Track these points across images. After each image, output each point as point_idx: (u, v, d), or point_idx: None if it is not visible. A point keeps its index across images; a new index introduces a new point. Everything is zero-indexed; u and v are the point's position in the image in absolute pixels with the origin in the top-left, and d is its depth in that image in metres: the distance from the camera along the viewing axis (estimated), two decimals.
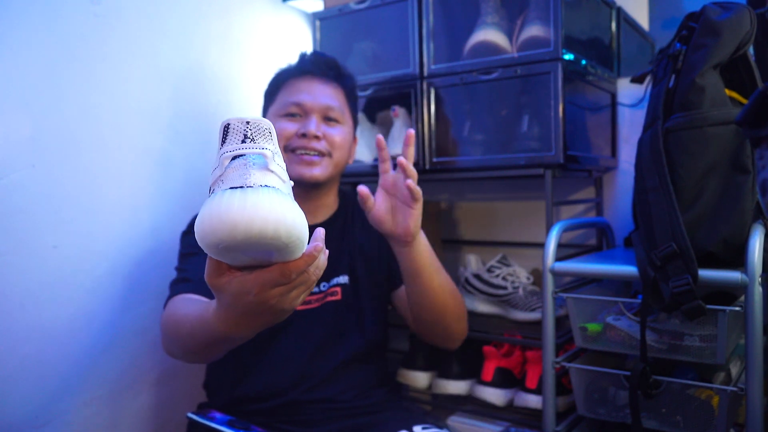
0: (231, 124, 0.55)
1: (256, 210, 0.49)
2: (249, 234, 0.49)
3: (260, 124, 0.55)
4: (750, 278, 0.87)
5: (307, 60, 1.14)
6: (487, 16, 1.21)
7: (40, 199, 1.02)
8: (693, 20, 1.00)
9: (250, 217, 0.49)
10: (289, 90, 1.11)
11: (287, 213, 0.51)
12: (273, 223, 0.49)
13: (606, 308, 1.07)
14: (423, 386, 1.34)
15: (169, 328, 0.90)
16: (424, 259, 1.01)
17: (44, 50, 1.03)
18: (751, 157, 0.92)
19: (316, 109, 1.09)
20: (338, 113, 1.11)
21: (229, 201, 0.50)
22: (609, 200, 1.43)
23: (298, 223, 0.52)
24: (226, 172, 0.53)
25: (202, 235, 0.51)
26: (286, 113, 1.09)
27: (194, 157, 1.30)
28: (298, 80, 1.11)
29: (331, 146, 1.09)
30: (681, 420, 0.97)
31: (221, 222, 0.49)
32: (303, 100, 1.08)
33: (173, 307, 0.93)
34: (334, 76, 1.13)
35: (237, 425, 0.99)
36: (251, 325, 0.65)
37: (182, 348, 0.88)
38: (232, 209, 0.49)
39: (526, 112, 1.19)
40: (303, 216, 0.54)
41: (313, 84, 1.10)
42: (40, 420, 1.04)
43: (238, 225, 0.49)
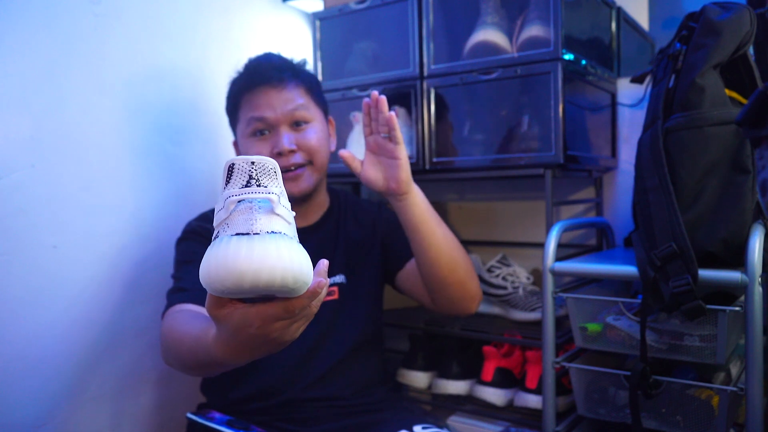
0: (236, 165, 0.55)
1: (263, 260, 0.50)
2: (256, 283, 0.50)
3: (265, 165, 0.55)
4: (750, 278, 0.87)
5: (254, 71, 1.08)
6: (487, 16, 1.21)
7: (40, 199, 1.02)
8: (693, 20, 1.00)
9: (257, 267, 0.49)
10: (249, 106, 1.07)
11: (294, 260, 0.51)
12: (281, 272, 0.50)
13: (606, 308, 1.07)
14: (423, 386, 1.34)
15: (169, 342, 0.89)
16: (422, 210, 1.02)
17: (44, 50, 1.03)
18: (751, 157, 0.92)
19: (281, 120, 1.05)
20: (304, 113, 1.07)
21: (236, 250, 0.50)
22: (609, 200, 1.43)
23: (304, 269, 0.53)
24: (231, 216, 0.53)
25: (209, 281, 0.52)
26: (252, 132, 1.06)
27: (194, 157, 1.30)
28: (255, 93, 1.06)
29: (308, 153, 1.07)
30: (681, 420, 0.97)
31: (228, 271, 0.50)
32: (264, 114, 1.05)
33: (173, 320, 0.91)
34: (289, 77, 1.07)
35: (236, 425, 0.99)
36: (250, 354, 0.65)
37: (181, 364, 0.87)
38: (239, 259, 0.50)
39: (526, 112, 1.20)
40: (308, 259, 0.54)
41: (270, 93, 1.05)
42: (40, 420, 1.04)
43: (245, 275, 0.49)
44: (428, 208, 1.04)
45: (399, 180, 0.99)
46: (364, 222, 1.19)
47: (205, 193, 1.31)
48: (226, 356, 0.65)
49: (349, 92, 1.39)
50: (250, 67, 1.10)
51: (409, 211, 1.01)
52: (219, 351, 0.66)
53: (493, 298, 1.34)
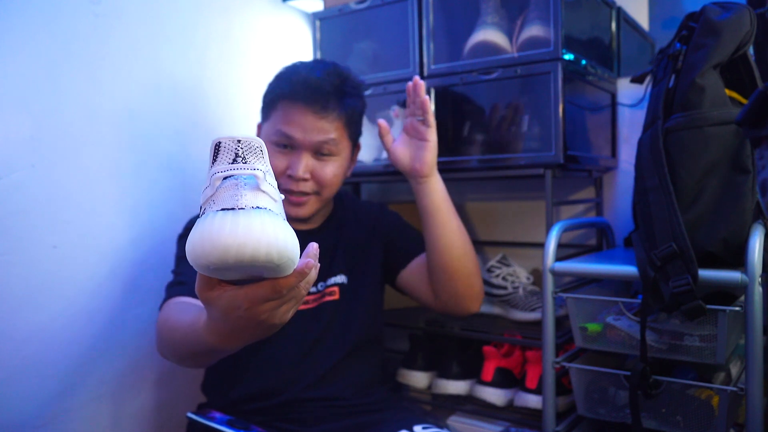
0: (222, 143, 0.55)
1: (248, 233, 0.49)
2: (241, 257, 0.49)
3: (251, 143, 0.55)
4: (750, 278, 0.87)
5: (301, 86, 1.02)
6: (487, 16, 1.21)
7: (40, 200, 1.02)
8: (693, 20, 1.00)
9: (241, 240, 0.49)
10: (281, 115, 1.03)
11: (279, 235, 0.51)
12: (265, 246, 0.50)
13: (606, 308, 1.07)
14: (423, 386, 1.34)
15: (163, 332, 0.89)
16: (441, 197, 1.06)
17: (44, 50, 1.03)
18: (751, 157, 0.92)
19: (306, 146, 1.02)
20: (332, 147, 1.04)
21: (221, 224, 0.50)
22: (609, 200, 1.43)
23: (289, 244, 0.52)
24: (217, 193, 0.53)
25: (194, 256, 0.51)
26: (277, 141, 1.04)
27: (194, 157, 1.30)
28: (291, 107, 1.02)
29: (320, 185, 1.05)
30: (681, 420, 0.97)
31: (212, 245, 0.49)
32: (293, 134, 1.02)
33: (168, 311, 0.92)
34: (333, 107, 1.03)
35: (236, 425, 0.99)
36: (240, 338, 0.65)
37: (175, 353, 0.87)
38: (223, 232, 0.49)
39: (526, 112, 1.20)
40: (294, 236, 0.54)
41: (306, 116, 1.01)
42: (39, 420, 1.04)
43: (229, 249, 0.49)
44: (446, 197, 1.08)
45: (424, 161, 1.04)
46: (365, 223, 1.19)
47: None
48: (217, 341, 0.66)
49: None
50: (300, 75, 1.04)
51: (428, 195, 1.05)
52: (210, 336, 0.66)
53: (493, 298, 1.34)
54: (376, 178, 1.47)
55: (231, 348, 0.70)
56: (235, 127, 1.39)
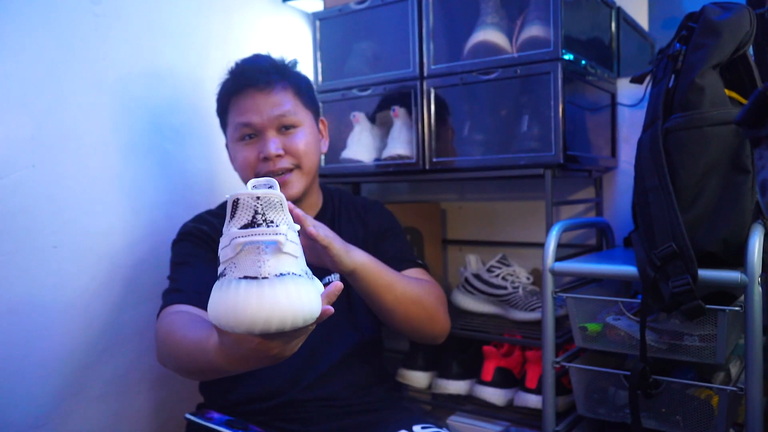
0: (240, 200, 0.54)
1: (274, 307, 0.51)
2: (268, 330, 0.51)
3: (271, 199, 0.54)
4: (749, 278, 0.87)
5: (240, 74, 1.06)
6: (487, 16, 1.22)
7: (41, 199, 1.03)
8: (693, 20, 1.00)
9: (267, 315, 0.51)
10: (236, 110, 1.06)
11: (304, 303, 0.52)
12: (291, 318, 0.51)
13: (606, 308, 1.07)
14: (423, 386, 1.35)
15: (167, 344, 0.88)
16: (373, 282, 0.96)
17: (45, 50, 1.03)
18: (751, 157, 0.92)
19: (268, 125, 1.04)
20: (292, 117, 1.06)
21: (246, 297, 0.51)
22: (609, 200, 1.43)
23: (314, 308, 0.54)
24: (238, 257, 0.53)
25: (218, 323, 0.53)
26: (240, 137, 1.05)
27: (194, 158, 1.30)
28: (241, 97, 1.05)
29: (296, 158, 1.06)
30: (681, 420, 0.97)
31: (238, 320, 0.51)
32: (251, 120, 1.03)
33: (170, 322, 0.90)
34: (277, 79, 1.05)
35: (235, 425, 0.99)
36: (249, 365, 0.66)
37: (178, 367, 0.87)
38: (249, 307, 0.51)
39: (526, 112, 1.20)
40: (317, 294, 0.56)
41: (257, 97, 1.04)
42: (39, 420, 1.04)
43: (256, 323, 0.51)
44: (379, 277, 0.97)
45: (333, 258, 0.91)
46: (358, 220, 1.19)
47: (205, 193, 1.31)
48: (226, 365, 0.66)
49: (349, 92, 1.39)
50: (237, 69, 1.08)
51: (359, 286, 0.96)
52: (220, 359, 0.66)
53: (493, 298, 1.34)
54: (376, 178, 1.47)
55: (237, 371, 0.70)
56: None
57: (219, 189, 1.34)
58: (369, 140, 1.38)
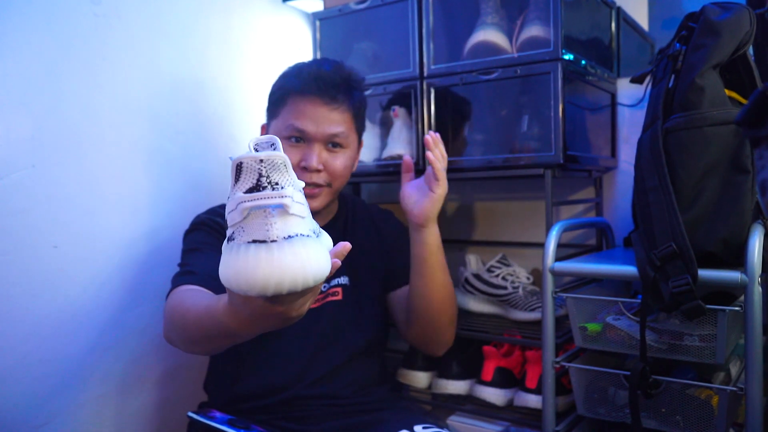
0: (244, 164, 0.53)
1: (284, 270, 0.51)
2: (279, 292, 0.52)
3: (275, 161, 0.53)
4: (749, 278, 0.87)
5: (311, 80, 1.05)
6: (487, 16, 1.22)
7: (41, 199, 1.03)
8: (692, 20, 1.00)
9: (278, 278, 0.51)
10: (292, 110, 1.06)
11: (313, 263, 0.53)
12: (302, 280, 0.52)
13: (606, 308, 1.07)
14: (423, 386, 1.35)
15: (174, 315, 0.89)
16: (432, 249, 1.07)
17: (44, 50, 1.03)
18: (751, 157, 0.92)
19: (319, 138, 1.05)
20: (343, 139, 1.07)
21: (256, 260, 0.51)
22: (609, 200, 1.43)
23: (323, 267, 0.55)
24: (245, 220, 0.53)
25: (230, 287, 0.54)
26: (288, 136, 1.06)
27: (194, 157, 1.30)
28: (302, 101, 1.05)
29: (331, 176, 1.08)
30: (680, 420, 0.97)
31: (249, 284, 0.52)
32: (305, 127, 1.04)
33: (179, 296, 0.92)
34: (342, 99, 1.06)
35: (237, 424, 0.99)
36: (259, 326, 0.67)
37: (185, 337, 0.88)
38: (259, 270, 0.51)
39: (526, 112, 1.20)
40: (326, 253, 0.57)
41: (318, 108, 1.04)
42: (40, 419, 1.04)
43: (268, 286, 0.52)
44: (437, 251, 1.08)
45: (422, 209, 1.05)
46: (373, 227, 1.20)
47: (206, 192, 1.31)
48: (235, 325, 0.68)
49: None
50: (309, 70, 1.07)
51: (420, 244, 1.07)
52: (229, 320, 0.68)
53: (492, 297, 1.34)
54: (376, 178, 1.47)
55: (247, 334, 0.72)
56: (235, 127, 1.39)
57: (219, 189, 1.34)
58: (369, 140, 1.38)
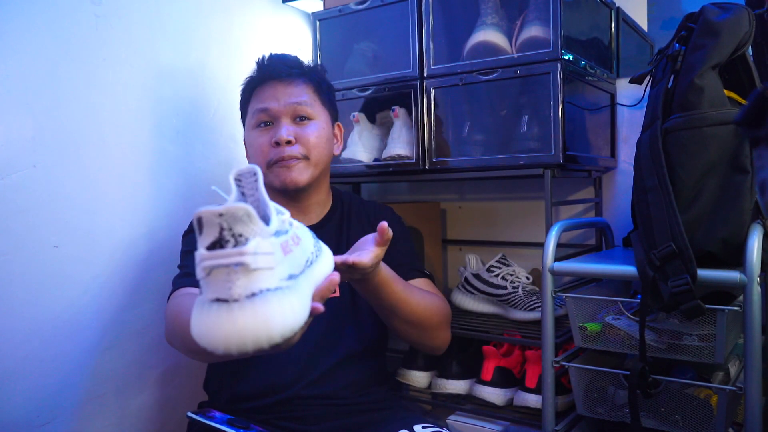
0: (203, 218, 0.50)
1: (245, 331, 0.49)
2: (244, 351, 0.50)
3: (236, 213, 0.50)
4: (749, 278, 0.87)
5: (265, 65, 1.12)
6: (487, 16, 1.22)
7: (41, 199, 1.03)
8: (692, 21, 1.00)
9: (240, 339, 0.49)
10: (256, 98, 1.11)
11: (278, 320, 0.50)
12: (266, 339, 0.50)
13: (605, 308, 1.07)
14: (423, 385, 1.35)
15: (175, 324, 0.91)
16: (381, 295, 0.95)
17: (45, 51, 1.03)
18: (750, 157, 0.92)
19: (284, 112, 1.08)
20: (308, 109, 1.09)
21: (217, 321, 0.49)
22: (608, 200, 1.43)
23: (291, 322, 0.52)
24: (209, 278, 0.51)
25: (199, 343, 0.51)
26: (257, 123, 1.10)
27: (195, 157, 1.30)
28: (263, 87, 1.11)
29: (306, 148, 1.08)
30: (680, 419, 0.97)
31: (213, 344, 0.50)
32: (268, 105, 1.08)
33: (179, 302, 0.93)
34: (298, 73, 1.11)
35: (237, 424, 0.99)
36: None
37: (185, 345, 0.89)
38: (220, 332, 0.49)
39: (525, 113, 1.20)
40: (301, 302, 0.55)
41: (277, 87, 1.09)
42: (41, 419, 1.04)
43: (230, 346, 0.50)
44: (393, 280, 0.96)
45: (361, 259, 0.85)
46: (367, 223, 1.20)
47: (206, 192, 1.32)
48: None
49: (349, 92, 1.39)
50: (263, 62, 1.14)
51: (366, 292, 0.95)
52: None
53: (492, 297, 1.34)
54: (376, 178, 1.47)
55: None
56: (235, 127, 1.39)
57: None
58: (369, 140, 1.38)
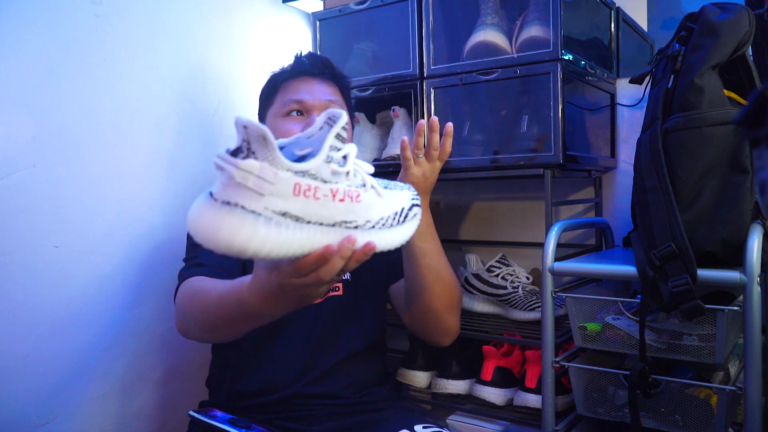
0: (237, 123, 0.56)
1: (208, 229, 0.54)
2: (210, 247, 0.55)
3: (254, 130, 0.55)
4: (748, 278, 0.87)
5: (303, 60, 1.15)
6: (487, 16, 1.22)
7: (42, 199, 1.03)
8: (692, 21, 1.00)
9: (205, 234, 0.54)
10: (288, 90, 1.12)
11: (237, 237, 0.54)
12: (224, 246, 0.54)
13: (605, 308, 1.07)
14: (423, 385, 1.35)
15: (192, 301, 0.90)
16: (422, 233, 1.01)
17: (45, 51, 1.03)
18: (750, 157, 0.92)
19: (318, 106, 1.10)
20: (338, 107, 1.10)
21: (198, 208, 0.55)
22: (608, 200, 1.43)
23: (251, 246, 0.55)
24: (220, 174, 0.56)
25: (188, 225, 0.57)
26: (287, 112, 1.10)
27: (195, 157, 1.30)
28: (296, 81, 1.13)
29: None
30: (680, 419, 0.97)
31: (189, 226, 0.55)
32: (304, 98, 1.10)
33: (194, 284, 0.93)
34: (331, 75, 1.14)
35: (238, 423, 0.99)
36: (281, 304, 0.70)
37: (204, 322, 0.88)
38: (195, 217, 0.55)
39: (525, 112, 1.20)
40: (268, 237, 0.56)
41: (312, 83, 1.12)
42: (41, 418, 1.04)
43: (198, 236, 0.55)
44: (430, 234, 1.06)
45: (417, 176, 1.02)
46: None
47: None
48: (259, 303, 0.71)
49: None
50: (298, 59, 1.16)
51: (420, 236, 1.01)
52: (253, 297, 0.71)
53: (492, 297, 1.35)
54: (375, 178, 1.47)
55: (269, 313, 0.74)
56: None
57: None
58: (369, 140, 1.38)
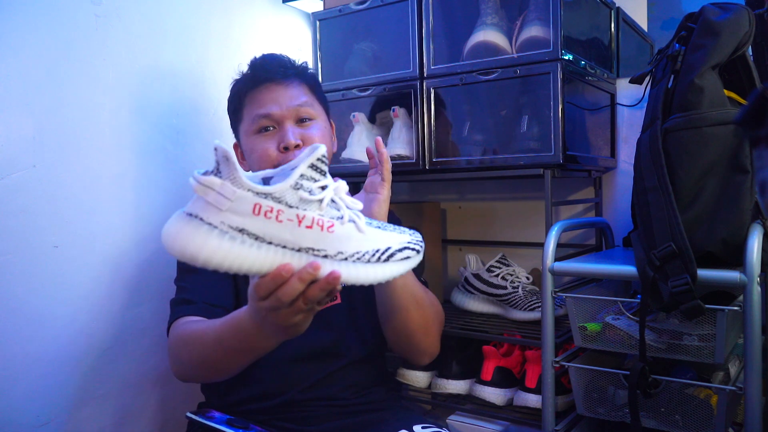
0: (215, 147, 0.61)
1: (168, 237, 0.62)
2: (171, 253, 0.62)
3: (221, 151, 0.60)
4: (748, 278, 0.87)
5: (259, 69, 1.08)
6: (487, 16, 1.22)
7: (42, 199, 1.03)
8: (692, 21, 1.00)
9: (167, 242, 0.62)
10: (254, 103, 1.06)
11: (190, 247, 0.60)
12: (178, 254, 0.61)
13: (605, 308, 1.07)
14: (423, 385, 1.35)
15: (189, 347, 0.89)
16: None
17: (45, 50, 1.03)
18: (750, 157, 0.92)
19: (287, 116, 1.05)
20: (309, 109, 1.07)
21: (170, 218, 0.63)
22: (608, 200, 1.43)
23: (204, 257, 0.60)
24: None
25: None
26: (258, 129, 1.05)
27: (195, 158, 1.30)
28: (259, 91, 1.06)
29: None
30: (680, 419, 0.97)
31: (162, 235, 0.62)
32: (271, 111, 1.04)
33: (186, 329, 0.92)
34: (295, 74, 1.08)
35: (236, 424, 0.99)
36: (275, 333, 0.73)
37: (204, 363, 0.88)
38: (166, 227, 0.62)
39: (525, 112, 1.20)
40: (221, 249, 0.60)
41: (275, 90, 1.06)
42: (40, 419, 1.04)
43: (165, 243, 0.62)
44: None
45: (372, 215, 0.97)
46: None
47: None
48: (256, 333, 0.74)
49: (349, 93, 1.39)
50: (253, 65, 1.10)
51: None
52: (252, 327, 0.74)
53: (492, 297, 1.35)
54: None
55: (269, 343, 0.78)
56: None
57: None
58: (369, 140, 1.38)
